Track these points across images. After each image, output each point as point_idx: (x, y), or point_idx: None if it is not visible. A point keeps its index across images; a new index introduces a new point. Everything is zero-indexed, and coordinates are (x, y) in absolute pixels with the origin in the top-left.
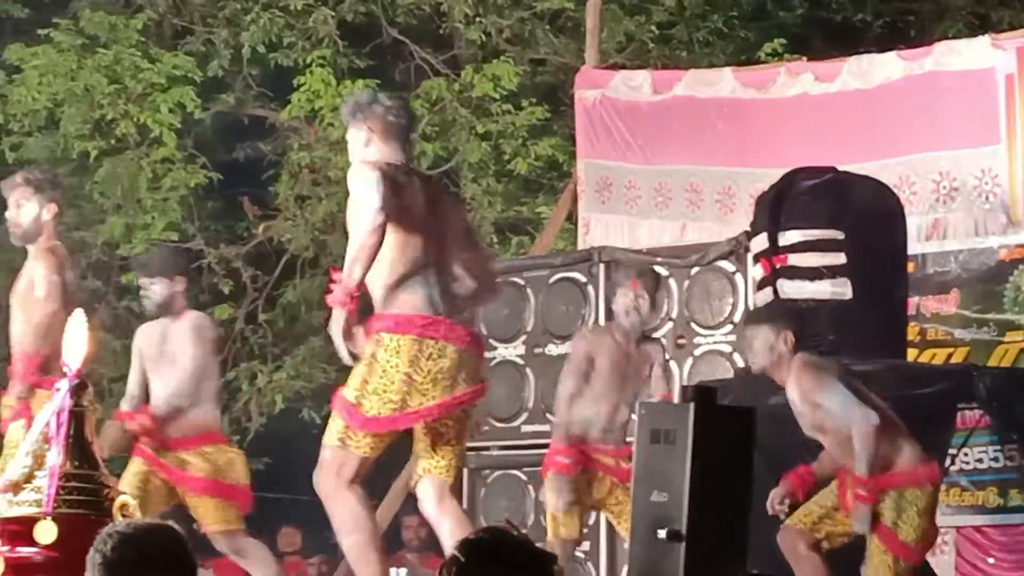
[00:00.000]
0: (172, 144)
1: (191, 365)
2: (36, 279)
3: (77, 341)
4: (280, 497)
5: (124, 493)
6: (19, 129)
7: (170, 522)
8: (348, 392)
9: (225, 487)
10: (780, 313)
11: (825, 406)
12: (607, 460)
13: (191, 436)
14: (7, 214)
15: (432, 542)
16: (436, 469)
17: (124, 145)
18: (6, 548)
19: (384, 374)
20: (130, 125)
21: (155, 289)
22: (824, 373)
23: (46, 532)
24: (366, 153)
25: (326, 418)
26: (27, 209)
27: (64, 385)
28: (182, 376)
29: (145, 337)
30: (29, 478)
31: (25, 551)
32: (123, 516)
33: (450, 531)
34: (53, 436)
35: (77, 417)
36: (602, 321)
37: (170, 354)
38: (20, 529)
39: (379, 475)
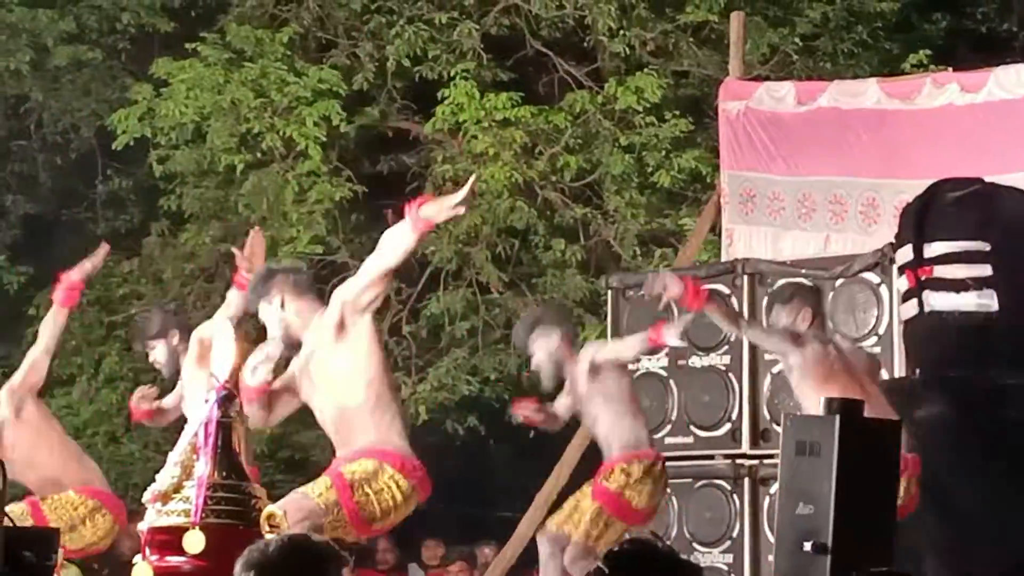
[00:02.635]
0: (317, 157)
1: None
2: None
3: (225, 353)
4: (423, 510)
5: (271, 503)
6: (166, 143)
7: (312, 534)
8: None
9: None
10: (799, 292)
11: None
12: None
13: None
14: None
15: None
16: None
17: (270, 158)
18: (155, 557)
19: None
20: (276, 138)
21: (158, 352)
22: None
23: (194, 542)
24: None
25: (469, 430)
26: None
27: (212, 396)
28: None
29: None
30: (178, 488)
31: (174, 560)
32: (270, 526)
33: None
34: (201, 447)
35: (225, 428)
36: None
37: None
38: (169, 539)
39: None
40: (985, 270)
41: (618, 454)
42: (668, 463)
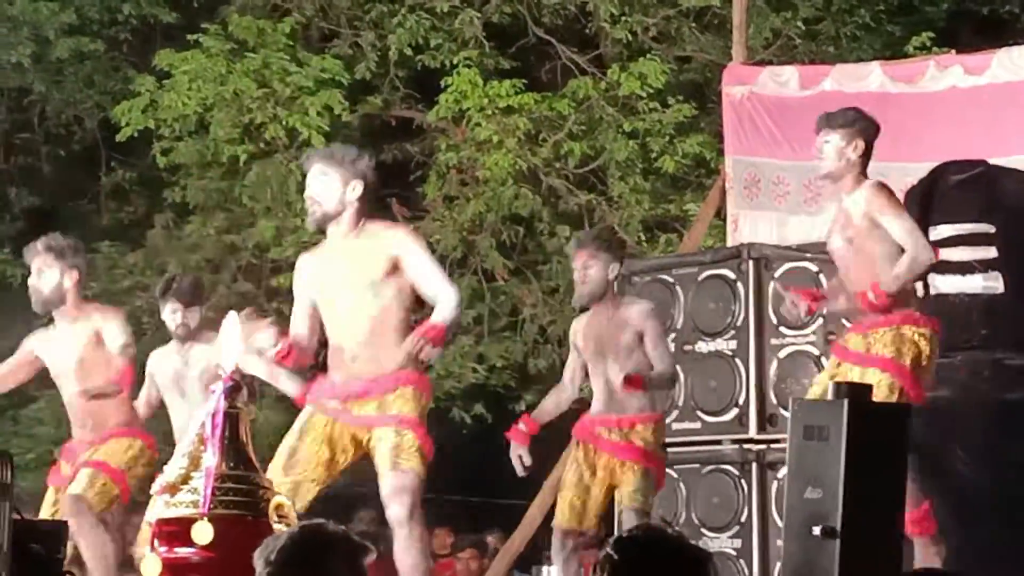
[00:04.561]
0: (320, 146)
1: None
2: (108, 335)
3: (231, 343)
4: (431, 498)
5: (280, 494)
6: (170, 134)
7: (320, 521)
8: None
9: None
10: (852, 120)
11: (885, 226)
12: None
13: None
14: (29, 281)
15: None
16: None
17: (273, 148)
18: (164, 549)
19: None
20: (279, 128)
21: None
22: (897, 199)
23: (203, 533)
24: None
25: (475, 418)
26: (48, 276)
27: (219, 387)
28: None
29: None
30: (186, 479)
31: (182, 552)
32: (279, 516)
33: None
34: (208, 438)
35: (232, 418)
36: (751, 317)
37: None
38: (177, 530)
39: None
40: (990, 252)
41: None
42: (675, 449)
